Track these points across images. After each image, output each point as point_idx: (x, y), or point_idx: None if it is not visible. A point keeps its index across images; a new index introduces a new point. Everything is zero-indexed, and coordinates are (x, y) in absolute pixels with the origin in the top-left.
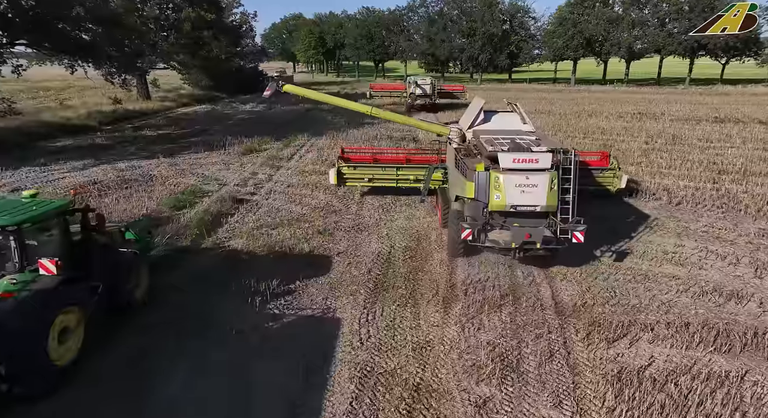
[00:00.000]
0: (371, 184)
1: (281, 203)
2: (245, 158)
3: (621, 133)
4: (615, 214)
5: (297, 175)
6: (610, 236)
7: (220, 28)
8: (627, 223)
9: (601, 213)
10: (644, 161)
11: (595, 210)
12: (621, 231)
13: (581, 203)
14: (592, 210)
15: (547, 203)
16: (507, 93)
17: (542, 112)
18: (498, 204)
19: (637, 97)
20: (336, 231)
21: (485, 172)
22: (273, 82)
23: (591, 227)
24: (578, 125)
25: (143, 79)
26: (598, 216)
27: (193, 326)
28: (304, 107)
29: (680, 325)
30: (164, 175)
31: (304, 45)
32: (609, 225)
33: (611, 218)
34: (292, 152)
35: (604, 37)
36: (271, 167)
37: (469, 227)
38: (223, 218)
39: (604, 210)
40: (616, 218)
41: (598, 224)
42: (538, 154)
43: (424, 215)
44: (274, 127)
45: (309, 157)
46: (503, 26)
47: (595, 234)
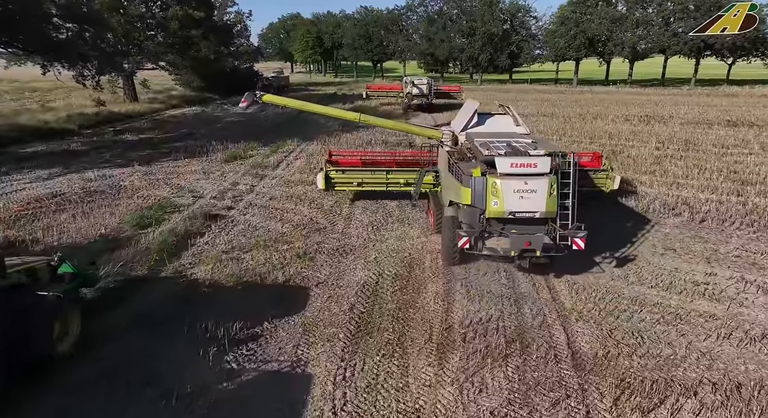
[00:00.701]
0: (360, 188)
1: (260, 220)
2: (228, 166)
3: (630, 138)
4: (629, 232)
5: (281, 186)
6: (629, 260)
7: (209, 27)
8: (647, 244)
9: (617, 234)
10: (658, 169)
11: (610, 226)
12: (641, 255)
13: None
14: (606, 231)
15: (546, 209)
16: (508, 95)
17: (545, 115)
18: (496, 211)
19: (642, 98)
20: (318, 254)
21: (482, 178)
22: (250, 93)
23: (603, 249)
24: (584, 129)
25: (130, 80)
26: (614, 237)
27: (127, 385)
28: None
29: (729, 387)
30: (135, 186)
31: (301, 45)
32: (625, 246)
33: (626, 237)
34: (279, 159)
35: (607, 37)
36: (254, 177)
37: (465, 235)
38: (192, 238)
39: (619, 227)
40: (631, 236)
41: (612, 245)
42: (536, 158)
43: (418, 233)
44: (263, 131)
45: (297, 165)
46: (504, 26)
47: (610, 257)
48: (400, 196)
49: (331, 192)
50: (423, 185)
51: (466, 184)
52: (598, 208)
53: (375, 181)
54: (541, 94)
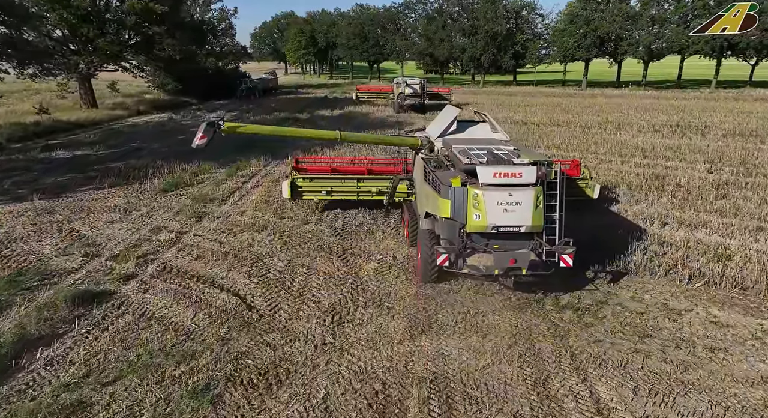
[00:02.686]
0: (330, 198)
1: (164, 302)
2: (162, 199)
3: (668, 156)
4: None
5: (221, 234)
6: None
7: (176, 24)
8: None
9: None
10: (726, 207)
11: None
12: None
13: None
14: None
15: (533, 223)
16: (513, 98)
17: (559, 124)
18: (478, 225)
19: (663, 103)
20: (227, 387)
21: (462, 188)
22: (208, 126)
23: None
24: (608, 142)
25: (87, 83)
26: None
27: None
28: (276, 117)
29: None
30: (13, 235)
31: (294, 45)
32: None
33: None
34: (234, 187)
35: (620, 36)
36: (190, 216)
37: (445, 252)
38: (27, 352)
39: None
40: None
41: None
42: (521, 167)
43: (403, 330)
44: (228, 145)
45: (252, 197)
46: (508, 24)
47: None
48: (383, 250)
49: (286, 246)
50: (397, 194)
51: (445, 195)
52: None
53: (345, 190)
54: (550, 97)
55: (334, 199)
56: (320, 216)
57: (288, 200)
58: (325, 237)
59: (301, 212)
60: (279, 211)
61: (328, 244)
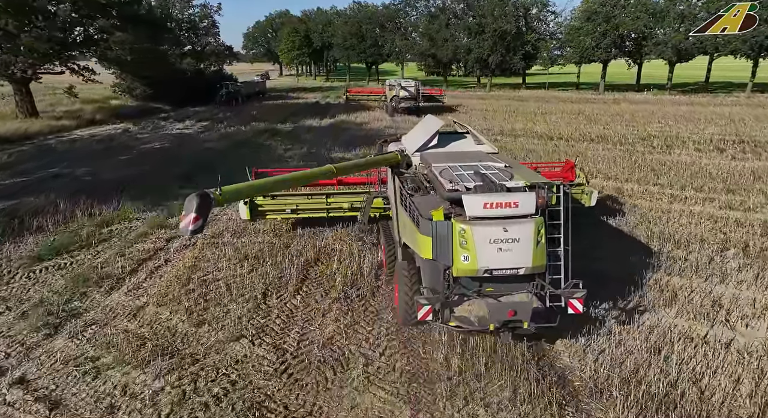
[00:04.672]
0: (295, 216)
1: None
2: (22, 279)
3: (763, 189)
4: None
5: (68, 379)
6: None
7: (126, 17)
8: None
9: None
10: None
11: None
12: None
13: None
14: None
15: (533, 264)
16: (526, 104)
17: (592, 138)
18: (466, 268)
19: (701, 110)
20: None
21: (445, 223)
22: (199, 200)
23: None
24: (668, 166)
25: (23, 87)
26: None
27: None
28: (254, 129)
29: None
30: None
31: (287, 45)
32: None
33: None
34: (149, 250)
35: (643, 35)
36: (37, 327)
37: (427, 304)
38: None
39: None
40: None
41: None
42: (517, 194)
43: None
44: (184, 169)
45: (168, 274)
46: (518, 22)
47: None
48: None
49: (183, 406)
50: (372, 210)
51: (425, 231)
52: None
53: (313, 207)
54: (566, 103)
55: (299, 217)
56: (265, 315)
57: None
58: (260, 380)
59: (236, 308)
60: (200, 303)
61: (258, 400)
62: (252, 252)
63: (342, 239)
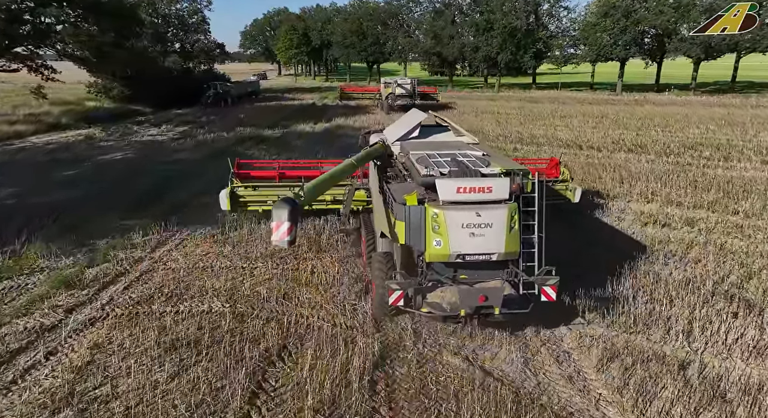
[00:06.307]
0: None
1: None
2: None
3: None
4: None
5: None
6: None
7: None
8: None
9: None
10: None
11: None
12: None
13: None
14: None
15: (506, 250)
16: (540, 106)
17: (629, 148)
18: (438, 253)
19: (739, 113)
20: None
21: (419, 208)
22: (289, 207)
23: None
24: (739, 186)
25: None
26: None
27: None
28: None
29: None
30: None
31: (285, 43)
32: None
33: None
34: (39, 327)
35: (668, 31)
36: None
37: (399, 289)
38: None
39: None
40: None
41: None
42: (491, 179)
43: None
44: (139, 191)
45: (51, 380)
46: (528, 18)
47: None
48: None
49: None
50: (354, 202)
51: (399, 216)
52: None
53: None
54: (584, 104)
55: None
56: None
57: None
58: None
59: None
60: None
61: None
62: (187, 334)
63: (323, 306)
